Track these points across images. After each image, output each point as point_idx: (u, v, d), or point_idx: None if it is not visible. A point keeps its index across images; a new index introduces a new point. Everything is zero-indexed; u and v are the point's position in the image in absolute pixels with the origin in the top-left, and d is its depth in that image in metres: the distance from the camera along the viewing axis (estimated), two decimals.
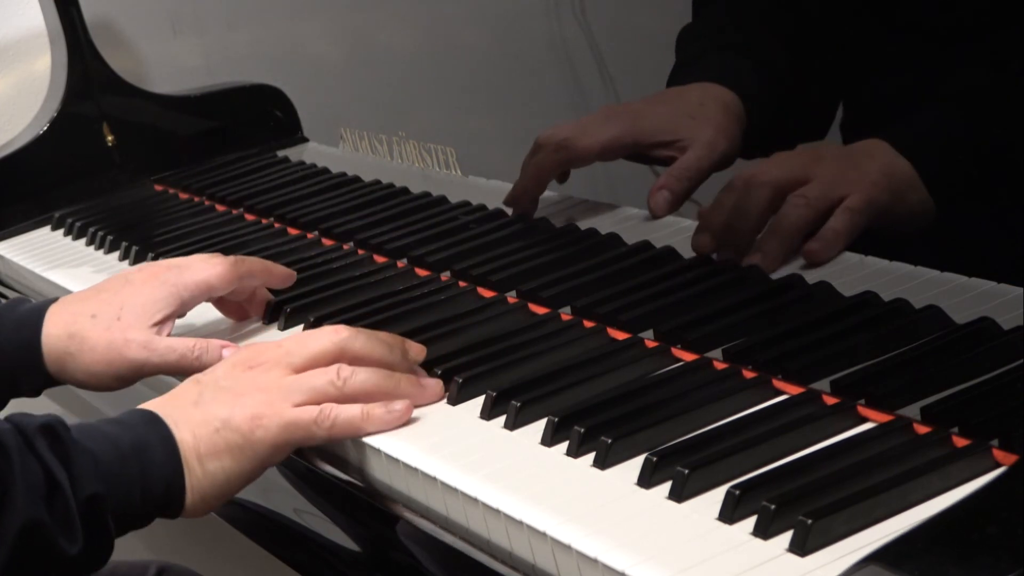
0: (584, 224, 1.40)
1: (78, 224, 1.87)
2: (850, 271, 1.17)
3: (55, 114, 2.02)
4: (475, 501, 1.02)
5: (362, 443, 1.13)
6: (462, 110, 1.57)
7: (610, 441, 1.03)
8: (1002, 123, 1.08)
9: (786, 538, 0.89)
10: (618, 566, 0.90)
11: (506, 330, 1.27)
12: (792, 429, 1.01)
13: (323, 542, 1.21)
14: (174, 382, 1.29)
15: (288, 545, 1.26)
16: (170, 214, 1.86)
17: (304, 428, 1.11)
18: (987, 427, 0.95)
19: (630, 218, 1.35)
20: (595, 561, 0.91)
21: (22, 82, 2.42)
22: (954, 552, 0.78)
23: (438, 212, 1.57)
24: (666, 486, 0.97)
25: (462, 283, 1.39)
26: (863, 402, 1.02)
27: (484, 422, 1.13)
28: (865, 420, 1.02)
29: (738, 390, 1.08)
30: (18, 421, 1.06)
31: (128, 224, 1.83)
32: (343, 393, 1.13)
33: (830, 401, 1.04)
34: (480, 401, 1.15)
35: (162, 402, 1.14)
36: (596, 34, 1.34)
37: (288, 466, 1.23)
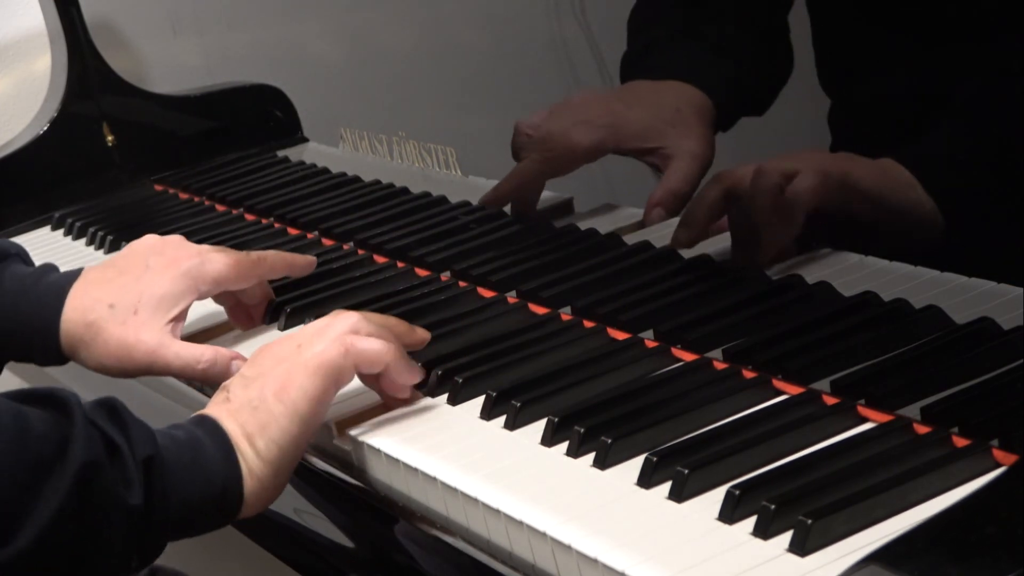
0: (584, 224, 1.40)
1: (78, 224, 1.87)
2: (850, 271, 1.17)
3: (55, 114, 2.02)
4: (475, 501, 1.02)
5: (362, 443, 1.14)
6: (462, 110, 1.57)
7: (610, 441, 1.03)
8: (1006, 129, 1.08)
9: (786, 538, 0.89)
10: (618, 566, 0.90)
11: (506, 330, 1.27)
12: (792, 429, 1.01)
13: (323, 542, 1.21)
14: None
15: (288, 545, 1.26)
16: (170, 214, 1.86)
17: (332, 364, 1.12)
18: (987, 427, 0.95)
19: (630, 218, 1.35)
20: (595, 561, 0.91)
21: (22, 82, 2.42)
22: (954, 552, 0.78)
23: (438, 212, 1.57)
24: (666, 486, 0.97)
25: (462, 283, 1.39)
26: (863, 402, 1.02)
27: (484, 422, 1.13)
28: (865, 420, 1.02)
29: (738, 390, 1.08)
30: (76, 395, 1.06)
31: (128, 224, 1.83)
32: (347, 357, 1.13)
33: (830, 401, 1.04)
34: (480, 401, 1.15)
35: (201, 412, 1.14)
36: (596, 34, 1.34)
37: None
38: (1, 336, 1.34)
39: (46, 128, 2.02)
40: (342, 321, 1.15)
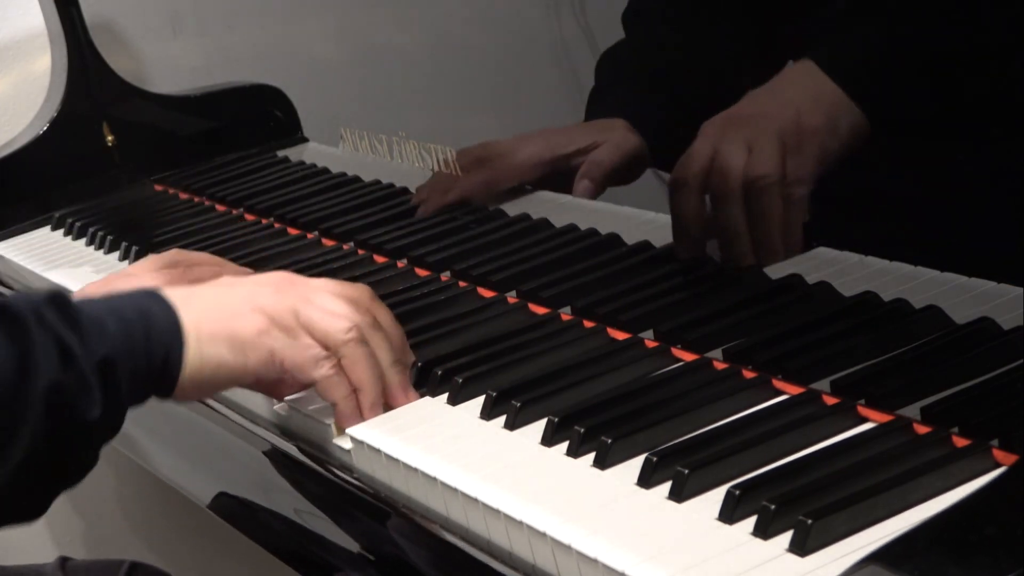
0: (584, 224, 1.40)
1: (78, 224, 1.87)
2: (850, 271, 1.17)
3: (55, 114, 2.02)
4: (475, 501, 1.02)
5: (362, 442, 1.14)
6: (462, 110, 1.57)
7: (610, 441, 1.03)
8: (931, 32, 1.07)
9: (786, 538, 0.89)
10: (618, 566, 0.90)
11: (506, 330, 1.27)
12: (792, 429, 1.01)
13: (323, 542, 1.21)
14: None
15: (288, 545, 1.26)
16: (170, 214, 1.86)
17: (301, 369, 1.13)
18: (987, 427, 0.95)
19: (630, 218, 1.35)
20: (595, 561, 0.91)
21: (22, 82, 2.41)
22: (954, 552, 0.78)
23: (438, 212, 1.57)
24: (666, 486, 0.97)
25: (462, 283, 1.39)
26: (863, 402, 1.02)
27: (484, 422, 1.13)
28: (865, 420, 1.02)
29: (738, 390, 1.08)
30: (25, 295, 1.07)
31: (128, 224, 1.83)
32: (343, 349, 1.15)
33: (830, 401, 1.04)
34: (480, 401, 1.15)
35: (180, 288, 1.16)
36: (596, 34, 1.34)
37: (288, 466, 1.23)
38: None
39: (46, 128, 2.02)
40: (349, 333, 1.15)
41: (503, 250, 1.42)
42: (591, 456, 1.03)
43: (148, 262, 1.39)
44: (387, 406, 1.17)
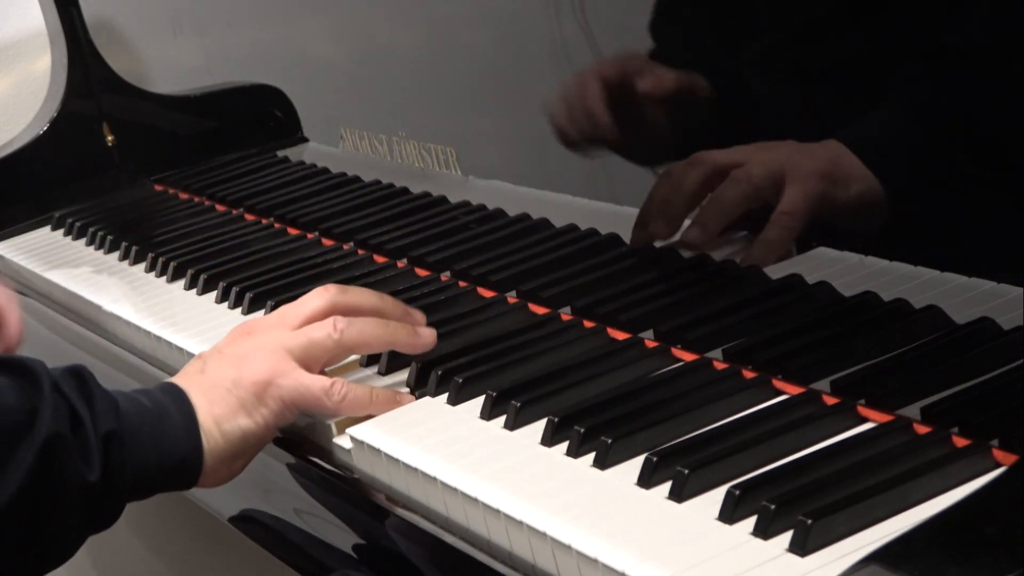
0: (584, 224, 1.40)
1: (78, 224, 1.87)
2: (850, 271, 1.17)
3: (55, 114, 2.02)
4: (475, 501, 1.02)
5: (362, 442, 1.14)
6: (462, 110, 1.57)
7: (610, 441, 1.03)
8: (950, 118, 1.08)
9: (786, 538, 0.89)
10: (618, 566, 0.90)
11: (506, 330, 1.27)
12: (792, 429, 1.01)
13: (323, 542, 1.21)
14: None
15: (288, 545, 1.26)
16: (170, 214, 1.86)
17: (314, 397, 1.15)
18: (987, 427, 0.95)
19: (630, 218, 1.35)
20: (595, 561, 0.91)
21: (22, 82, 2.42)
22: (954, 552, 0.78)
23: (438, 212, 1.57)
24: (666, 486, 0.97)
25: (462, 283, 1.39)
26: (863, 402, 1.02)
27: (484, 422, 1.13)
28: (865, 420, 1.02)
29: (738, 390, 1.08)
30: (45, 366, 1.08)
31: (128, 224, 1.83)
32: (341, 344, 1.17)
33: (830, 401, 1.04)
34: (480, 401, 1.15)
35: (176, 378, 1.17)
36: (596, 34, 1.34)
37: (288, 466, 1.23)
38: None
39: (46, 128, 2.02)
40: (327, 339, 1.16)
41: (503, 250, 1.42)
42: (591, 456, 1.03)
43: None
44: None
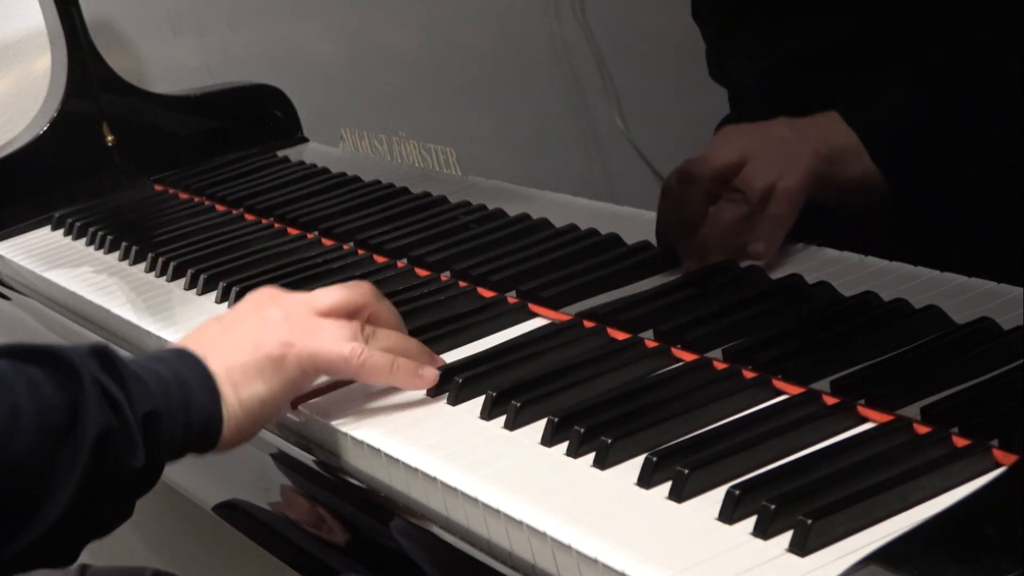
0: (584, 224, 1.40)
1: (78, 224, 1.87)
2: (850, 271, 1.17)
3: (55, 114, 2.02)
4: (475, 501, 1.02)
5: (362, 442, 1.14)
6: (462, 110, 1.57)
7: (610, 441, 1.03)
8: (957, 104, 1.08)
9: (786, 538, 0.89)
10: (618, 566, 0.90)
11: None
12: (792, 429, 1.01)
13: (323, 543, 1.21)
14: None
15: (288, 545, 1.26)
16: (170, 214, 1.86)
17: (334, 362, 1.15)
18: (987, 427, 0.95)
19: (630, 218, 1.35)
20: (595, 561, 0.91)
21: (22, 82, 2.42)
22: (954, 552, 0.78)
23: (438, 212, 1.57)
24: (666, 486, 0.97)
25: (462, 283, 1.39)
26: (863, 402, 1.02)
27: (484, 422, 1.13)
28: (865, 420, 1.02)
29: (738, 390, 1.08)
30: (70, 345, 1.07)
31: (128, 224, 1.83)
32: (362, 365, 1.16)
33: (830, 401, 1.04)
34: (480, 401, 1.15)
35: (190, 339, 1.17)
36: (596, 34, 1.34)
37: (289, 465, 1.23)
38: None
39: (46, 128, 2.02)
40: (350, 328, 1.16)
41: (503, 250, 1.42)
42: (591, 456, 1.03)
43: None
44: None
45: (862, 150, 1.13)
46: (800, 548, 0.88)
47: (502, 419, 1.12)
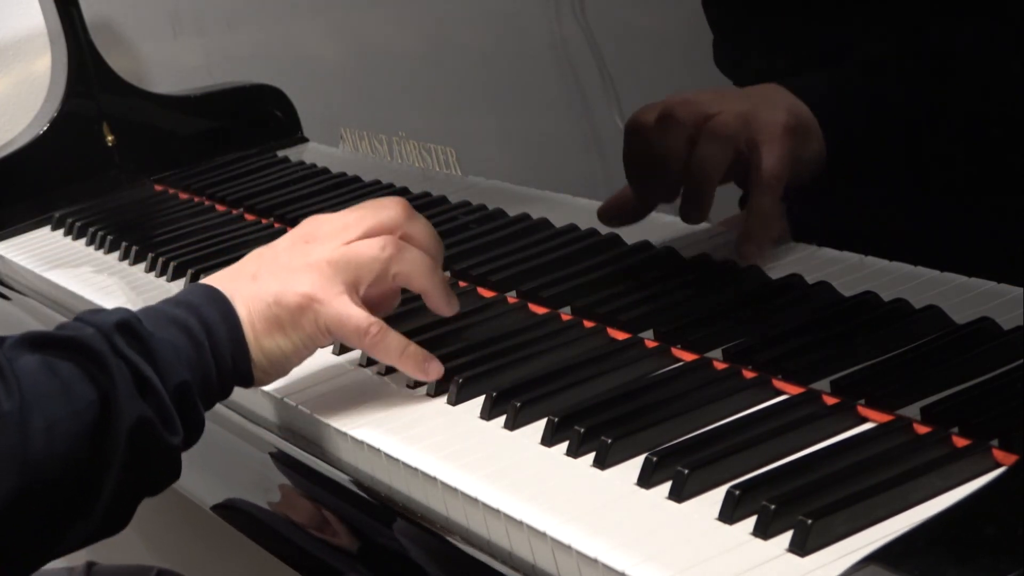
0: (584, 224, 1.40)
1: (78, 224, 1.87)
2: (850, 271, 1.17)
3: (55, 114, 2.02)
4: (475, 501, 1.02)
5: (362, 442, 1.14)
6: (462, 110, 1.57)
7: (610, 441, 1.03)
8: (957, 104, 1.08)
9: (786, 538, 0.89)
10: (618, 566, 0.90)
11: (506, 330, 1.27)
12: (792, 429, 1.01)
13: (323, 543, 1.21)
14: None
15: (288, 545, 1.26)
16: (170, 214, 1.86)
17: (350, 330, 1.16)
18: (987, 427, 0.95)
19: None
20: (595, 561, 0.91)
21: (22, 82, 2.42)
22: (954, 552, 0.78)
23: (438, 212, 1.57)
24: (666, 486, 0.97)
25: (462, 283, 1.39)
26: (863, 402, 1.02)
27: (484, 422, 1.13)
28: (865, 420, 1.02)
29: (738, 390, 1.08)
30: (94, 321, 1.07)
31: (128, 224, 1.83)
32: (386, 270, 1.17)
33: (830, 401, 1.04)
34: (480, 401, 1.15)
35: (222, 276, 1.18)
36: (596, 34, 1.34)
37: (288, 465, 1.23)
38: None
39: (46, 128, 2.02)
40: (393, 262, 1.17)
41: (503, 250, 1.42)
42: (591, 456, 1.03)
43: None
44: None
45: (816, 126, 1.13)
46: (800, 548, 0.88)
47: (502, 419, 1.12)
